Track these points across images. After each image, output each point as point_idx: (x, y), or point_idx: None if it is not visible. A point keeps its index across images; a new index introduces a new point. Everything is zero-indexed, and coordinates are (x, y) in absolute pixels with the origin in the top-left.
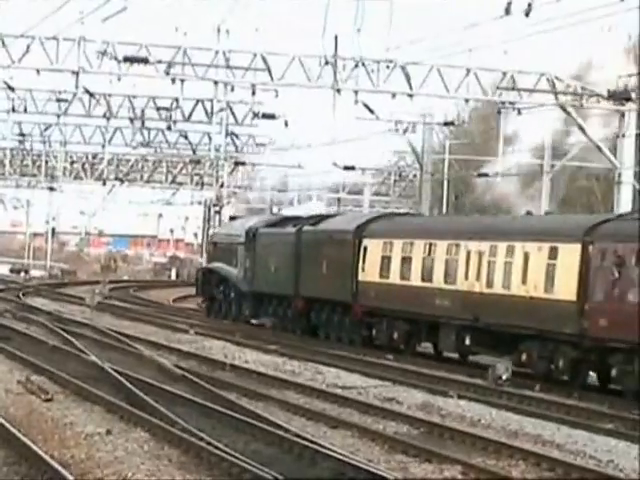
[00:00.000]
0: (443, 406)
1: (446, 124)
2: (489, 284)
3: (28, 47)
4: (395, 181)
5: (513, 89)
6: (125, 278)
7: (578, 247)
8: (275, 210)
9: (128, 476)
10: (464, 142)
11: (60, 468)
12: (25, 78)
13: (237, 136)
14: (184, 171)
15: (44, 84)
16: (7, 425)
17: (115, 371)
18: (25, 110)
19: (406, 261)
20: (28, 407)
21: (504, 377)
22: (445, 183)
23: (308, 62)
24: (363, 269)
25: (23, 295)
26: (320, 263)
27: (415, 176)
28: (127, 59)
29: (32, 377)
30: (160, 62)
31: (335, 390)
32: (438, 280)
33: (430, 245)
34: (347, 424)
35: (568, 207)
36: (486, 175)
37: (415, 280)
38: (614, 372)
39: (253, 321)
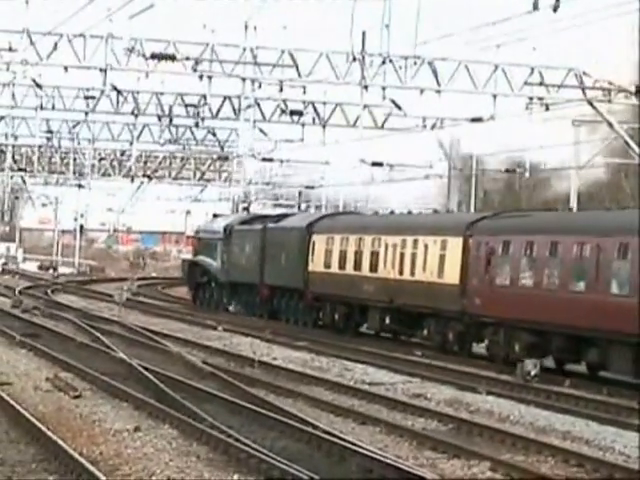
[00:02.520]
0: (472, 402)
1: (474, 120)
2: (401, 272)
3: (56, 44)
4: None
5: (541, 84)
6: (153, 275)
7: (460, 240)
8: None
9: (156, 473)
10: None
11: (89, 465)
12: (53, 75)
13: (265, 133)
14: (212, 168)
15: (72, 81)
16: (36, 422)
17: (143, 368)
18: (53, 107)
19: (343, 253)
20: (57, 404)
21: (533, 373)
22: (473, 179)
23: (336, 58)
24: (312, 260)
25: (51, 292)
26: (280, 256)
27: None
28: (155, 56)
29: (60, 374)
30: (188, 59)
31: (363, 386)
32: (365, 269)
33: (360, 239)
34: (375, 420)
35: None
36: (514, 171)
37: (349, 269)
38: (486, 342)
39: (230, 308)
